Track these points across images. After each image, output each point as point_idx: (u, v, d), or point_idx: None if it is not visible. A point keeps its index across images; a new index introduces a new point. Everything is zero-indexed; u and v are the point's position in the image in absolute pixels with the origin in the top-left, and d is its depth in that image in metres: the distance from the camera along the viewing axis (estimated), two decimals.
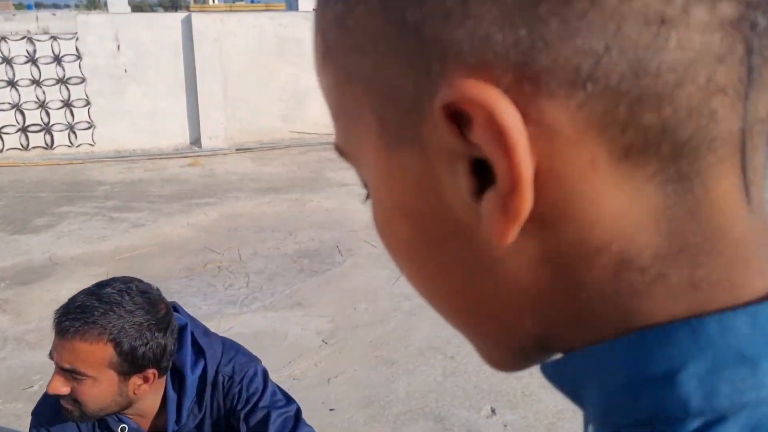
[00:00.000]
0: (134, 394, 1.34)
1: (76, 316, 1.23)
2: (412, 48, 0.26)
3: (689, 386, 0.25)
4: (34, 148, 6.91)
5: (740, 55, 0.24)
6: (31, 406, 1.33)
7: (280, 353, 2.97)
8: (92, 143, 7.08)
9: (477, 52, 0.24)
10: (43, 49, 6.65)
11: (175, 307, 1.47)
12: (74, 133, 7.02)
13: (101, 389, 1.29)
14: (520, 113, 0.24)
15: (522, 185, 0.24)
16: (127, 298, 1.27)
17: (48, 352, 1.32)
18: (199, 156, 7.17)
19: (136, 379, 1.32)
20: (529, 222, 0.25)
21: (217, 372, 1.48)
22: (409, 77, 0.26)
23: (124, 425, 1.43)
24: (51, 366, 1.31)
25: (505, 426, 2.48)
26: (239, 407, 1.50)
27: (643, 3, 0.23)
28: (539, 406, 2.56)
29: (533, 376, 2.67)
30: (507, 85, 0.24)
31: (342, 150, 0.33)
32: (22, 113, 6.74)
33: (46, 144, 6.95)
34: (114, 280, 1.31)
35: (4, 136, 6.76)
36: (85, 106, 6.93)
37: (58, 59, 6.70)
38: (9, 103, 6.67)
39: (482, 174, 0.25)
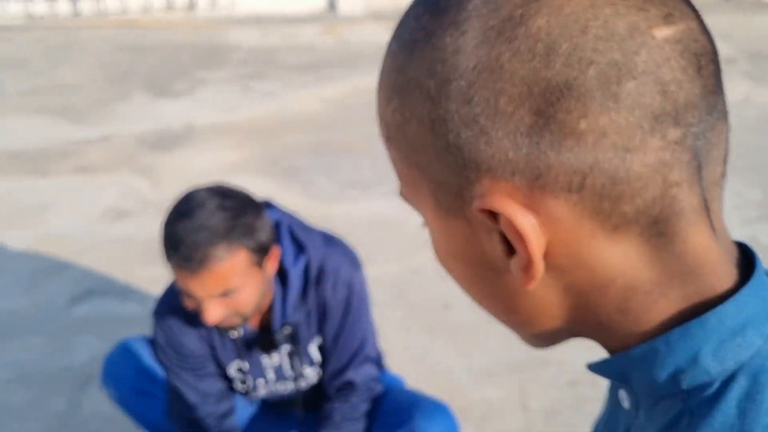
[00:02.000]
0: (269, 275, 1.39)
1: (196, 249, 1.22)
2: (454, 160, 0.39)
3: (707, 361, 0.39)
4: (178, 9, 7.06)
5: (688, 159, 0.37)
6: (170, 271, 1.37)
7: (400, 243, 2.95)
8: (232, 5, 7.11)
9: (501, 168, 0.37)
10: None
11: (269, 204, 1.47)
12: None
13: (253, 288, 1.33)
14: (533, 209, 0.38)
15: (534, 262, 0.39)
16: (216, 201, 1.26)
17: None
18: (335, 23, 7.04)
19: (266, 264, 1.35)
20: (550, 270, 0.40)
21: (320, 269, 1.47)
22: (454, 177, 0.39)
23: (236, 330, 1.46)
24: None
25: None
26: (329, 315, 1.49)
27: (612, 140, 0.36)
28: None
29: None
30: (523, 191, 0.37)
31: (405, 198, 0.46)
32: None
33: (189, 5, 7.07)
34: (187, 199, 1.28)
35: None
36: None
37: None
38: None
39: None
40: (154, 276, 2.77)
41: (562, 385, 2.19)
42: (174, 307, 1.47)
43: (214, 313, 1.29)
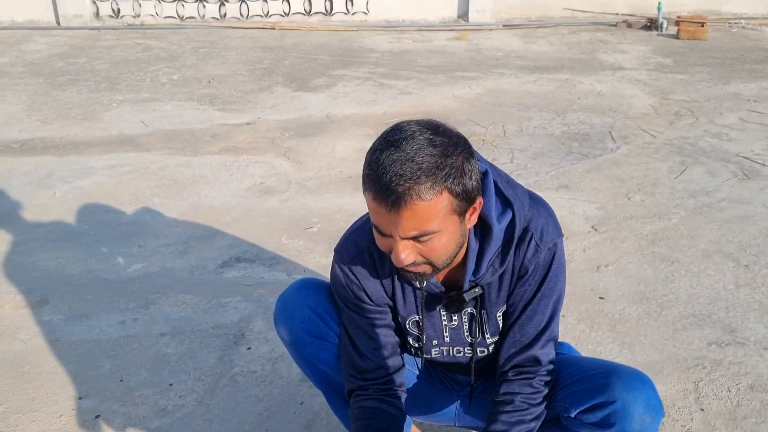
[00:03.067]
0: (469, 227, 1.29)
1: (399, 181, 1.13)
2: None
3: None
4: (315, 13, 7.27)
5: None
6: (312, 245, 1.35)
7: None
8: (366, 12, 7.25)
9: None
10: None
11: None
12: (351, 1, 7.22)
13: (449, 238, 1.23)
14: None
15: None
16: (426, 141, 1.16)
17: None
18: (465, 30, 7.00)
19: (468, 215, 1.25)
20: None
21: (526, 229, 1.35)
22: None
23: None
24: (328, 210, 1.24)
25: None
26: (525, 281, 1.38)
27: None
28: None
29: None
30: None
31: None
32: None
33: (326, 10, 7.26)
34: (397, 128, 1.19)
35: (291, 0, 7.18)
36: None
37: None
38: None
39: None
40: (299, 247, 2.79)
41: (743, 389, 1.97)
42: (360, 248, 1.41)
43: (405, 255, 1.21)
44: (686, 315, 2.32)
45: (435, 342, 1.49)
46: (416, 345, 1.50)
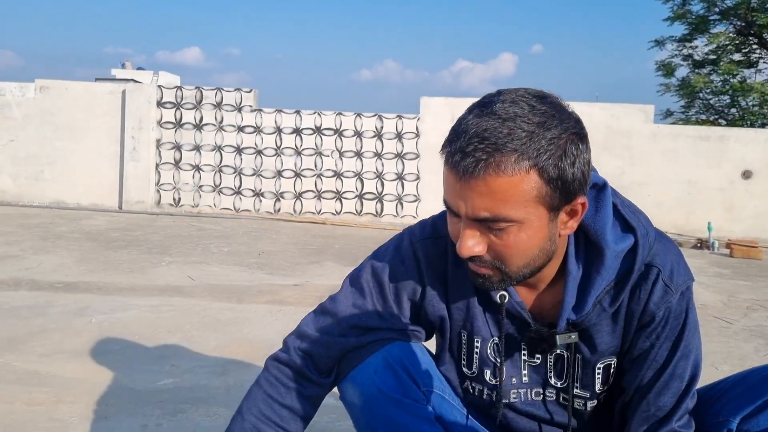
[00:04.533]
0: (559, 236, 1.02)
1: (477, 145, 0.91)
2: None
3: None
4: (366, 213, 7.48)
5: None
6: None
7: None
8: (415, 216, 7.43)
9: None
10: (389, 126, 7.32)
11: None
12: (401, 204, 7.46)
13: (530, 235, 0.97)
14: None
15: None
16: (526, 107, 0.94)
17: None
18: None
19: (563, 215, 1.00)
20: None
21: (650, 265, 1.08)
22: None
23: (504, 293, 1.12)
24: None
25: None
26: (651, 330, 1.12)
27: None
28: None
29: None
30: None
31: None
32: (362, 181, 7.39)
33: (376, 212, 7.48)
34: (499, 93, 0.98)
35: (344, 200, 7.45)
36: (415, 180, 7.36)
37: (399, 136, 7.30)
38: (353, 172, 7.39)
39: None
40: None
41: None
42: (439, 233, 1.17)
43: (471, 243, 0.97)
44: None
45: (513, 380, 1.19)
46: (494, 381, 1.19)
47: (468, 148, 0.92)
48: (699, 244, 6.95)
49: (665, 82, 13.94)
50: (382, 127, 7.31)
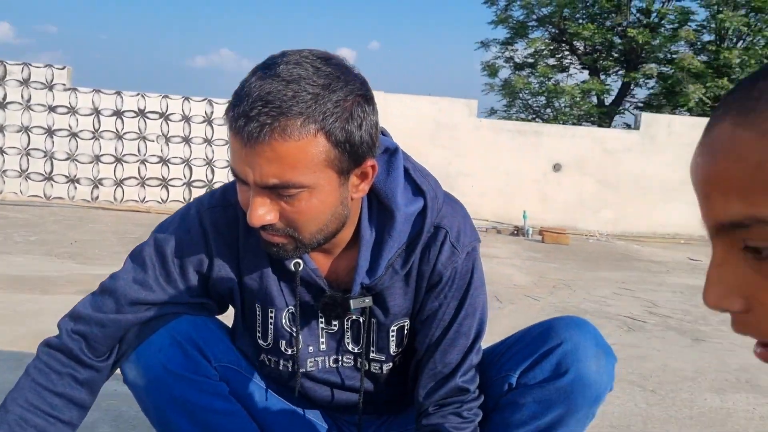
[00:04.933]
0: (351, 200, 1.01)
1: (261, 109, 0.87)
2: None
3: None
4: None
5: None
6: None
7: None
8: None
9: None
10: (219, 111, 7.08)
11: (383, 131, 1.10)
12: None
13: (321, 200, 0.95)
14: None
15: None
16: (311, 69, 0.91)
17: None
18: None
19: (354, 178, 0.98)
20: None
21: (438, 227, 1.10)
22: None
23: (299, 261, 1.09)
24: None
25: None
26: (439, 291, 1.12)
27: None
28: None
29: None
30: None
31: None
32: (191, 168, 7.08)
33: None
34: (283, 54, 0.94)
35: (170, 188, 7.10)
36: None
37: None
38: (180, 158, 7.05)
39: None
40: None
41: None
42: (228, 201, 1.11)
43: (261, 212, 0.93)
44: (605, 425, 2.09)
45: (310, 348, 1.17)
46: (290, 351, 1.16)
47: (252, 113, 0.88)
48: (516, 231, 7.46)
49: (490, 81, 14.82)
50: (212, 113, 7.06)
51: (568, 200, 8.05)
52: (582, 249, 6.70)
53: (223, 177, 7.15)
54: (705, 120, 8.23)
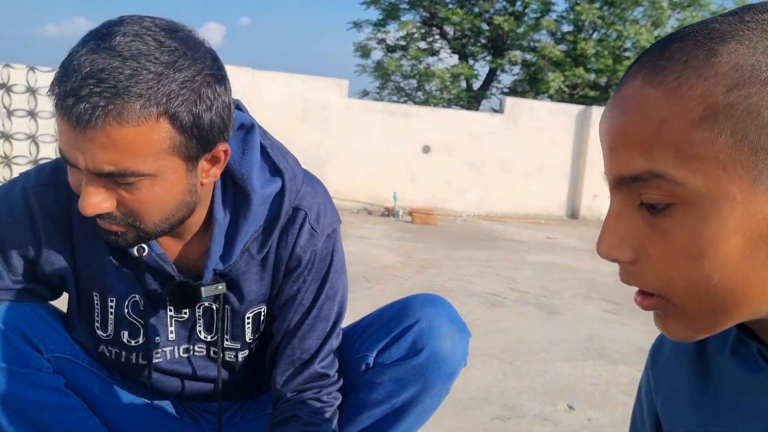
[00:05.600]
0: (201, 185, 0.93)
1: (93, 89, 0.77)
2: None
3: None
4: None
5: None
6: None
7: None
8: None
9: None
10: None
11: (238, 106, 1.04)
12: None
13: (165, 190, 0.86)
14: None
15: None
16: (153, 43, 0.81)
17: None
18: None
19: (203, 163, 0.90)
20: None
21: (297, 208, 1.05)
22: None
23: (144, 246, 1.00)
24: None
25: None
26: (297, 275, 1.08)
27: None
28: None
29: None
30: None
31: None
32: (37, 145, 6.53)
33: None
34: (120, 22, 0.83)
35: (14, 166, 6.51)
36: None
37: None
38: (25, 134, 6.48)
39: None
40: None
41: None
42: (59, 178, 0.99)
43: (96, 200, 0.83)
44: (464, 398, 2.12)
45: (158, 339, 1.08)
46: (133, 342, 1.07)
47: (82, 92, 0.77)
48: (386, 212, 7.54)
49: (362, 63, 14.84)
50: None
51: (437, 181, 8.23)
52: (449, 229, 6.88)
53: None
54: (564, 105, 8.70)
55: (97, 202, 0.84)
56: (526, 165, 8.48)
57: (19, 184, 1.01)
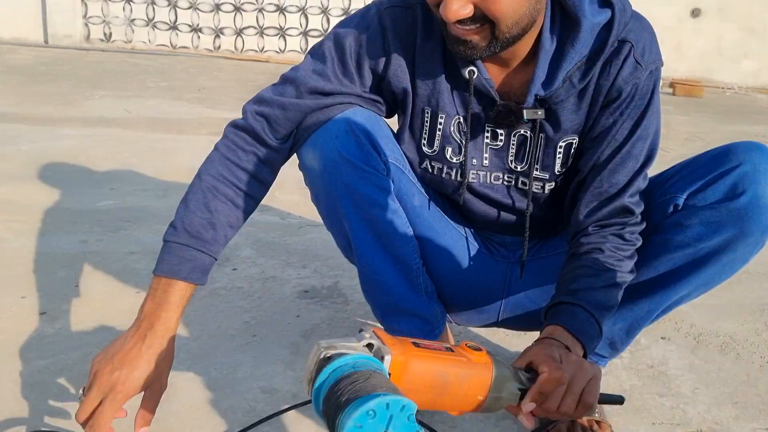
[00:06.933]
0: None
1: None
2: None
3: None
4: None
5: None
6: (306, 199, 0.99)
7: None
8: None
9: None
10: None
11: None
12: None
13: None
14: None
15: None
16: None
17: None
18: None
19: None
20: None
21: (624, 41, 1.05)
22: None
23: (473, 68, 1.07)
24: None
25: None
26: (617, 107, 1.07)
27: None
28: None
29: None
30: None
31: None
32: (306, 17, 7.03)
33: None
34: None
35: (287, 37, 7.12)
36: None
37: None
38: (297, 6, 6.99)
39: None
40: (293, 200, 2.47)
41: None
42: (409, 2, 1.10)
43: (453, 6, 0.92)
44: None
45: (474, 161, 1.16)
46: (455, 159, 1.16)
47: None
48: None
49: None
50: None
51: (706, 49, 7.37)
52: (717, 103, 6.22)
53: None
54: None
55: (458, 7, 0.92)
56: None
57: (375, 6, 1.13)
